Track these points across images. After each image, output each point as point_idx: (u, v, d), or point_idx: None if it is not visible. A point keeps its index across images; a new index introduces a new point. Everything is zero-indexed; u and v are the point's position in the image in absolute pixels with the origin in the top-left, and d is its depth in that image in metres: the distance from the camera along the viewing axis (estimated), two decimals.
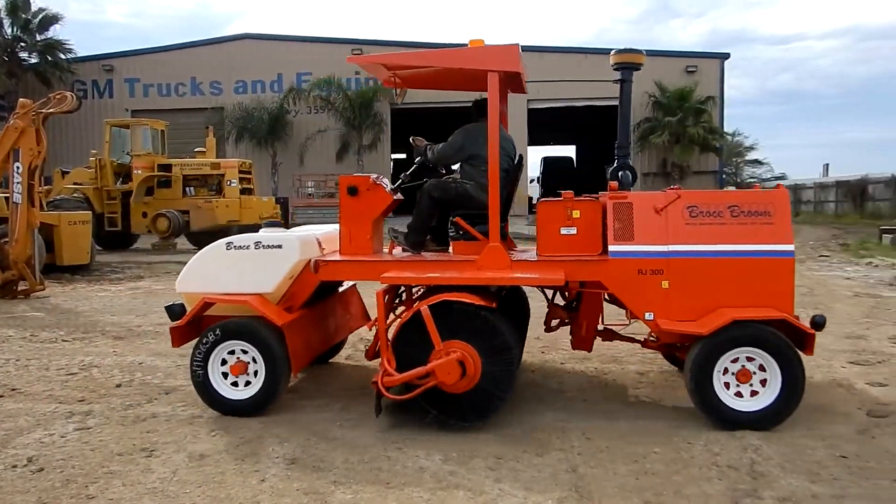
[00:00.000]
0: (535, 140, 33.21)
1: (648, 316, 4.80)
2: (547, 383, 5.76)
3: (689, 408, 4.93)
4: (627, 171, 5.81)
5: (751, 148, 45.08)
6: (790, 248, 4.72)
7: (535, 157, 38.14)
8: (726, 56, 29.63)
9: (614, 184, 5.32)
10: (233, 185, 18.54)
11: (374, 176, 5.44)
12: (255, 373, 4.95)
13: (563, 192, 5.10)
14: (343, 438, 4.52)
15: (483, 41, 5.01)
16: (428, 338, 4.57)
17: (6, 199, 10.90)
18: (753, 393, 4.58)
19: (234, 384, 4.97)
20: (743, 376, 4.58)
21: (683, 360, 5.50)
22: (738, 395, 4.60)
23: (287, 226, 23.27)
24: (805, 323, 4.60)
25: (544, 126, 33.68)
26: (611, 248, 4.80)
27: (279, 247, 5.05)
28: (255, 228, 6.17)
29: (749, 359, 4.57)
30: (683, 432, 4.53)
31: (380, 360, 4.82)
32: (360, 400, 5.27)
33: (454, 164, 5.78)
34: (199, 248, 6.14)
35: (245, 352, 4.95)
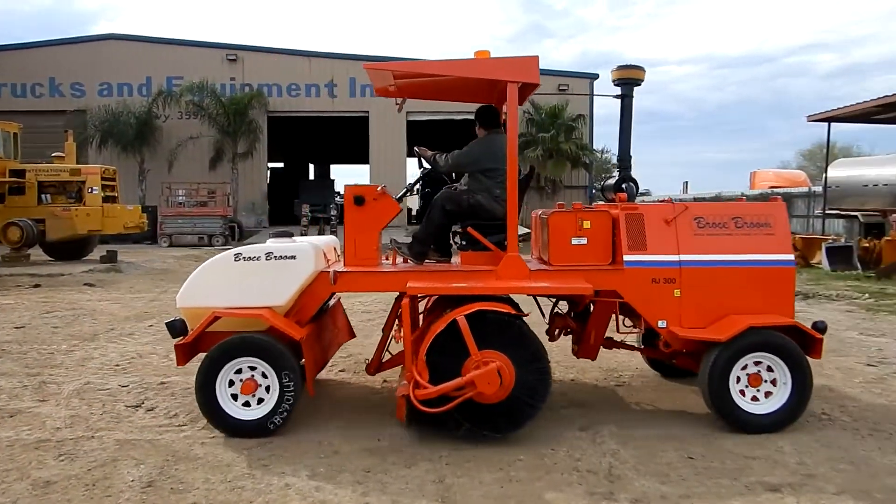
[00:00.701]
0: (415, 152, 33.44)
1: (661, 324, 4.96)
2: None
3: (554, 414, 5.11)
4: (631, 183, 5.99)
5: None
6: (791, 257, 5.06)
7: (414, 169, 38.43)
8: (595, 76, 31.08)
9: (623, 195, 5.48)
10: (94, 192, 17.46)
11: (380, 186, 5.27)
12: (267, 389, 4.69)
13: (574, 203, 5.24)
14: (205, 458, 4.34)
15: (489, 53, 5.01)
16: (461, 348, 4.49)
17: None
18: (766, 396, 4.79)
19: (246, 404, 4.69)
20: (755, 381, 4.77)
21: (677, 367, 5.88)
22: (754, 399, 4.78)
23: (157, 236, 22.31)
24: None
25: (424, 139, 33.98)
26: (626, 257, 4.93)
27: (293, 258, 4.83)
28: (118, 238, 5.77)
29: (758, 363, 4.77)
30: (548, 439, 4.66)
31: (402, 373, 4.80)
32: None
33: (466, 172, 5.67)
34: (56, 260, 5.68)
35: (254, 368, 4.68)
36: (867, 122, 20.70)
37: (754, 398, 4.78)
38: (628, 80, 5.91)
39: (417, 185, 6.04)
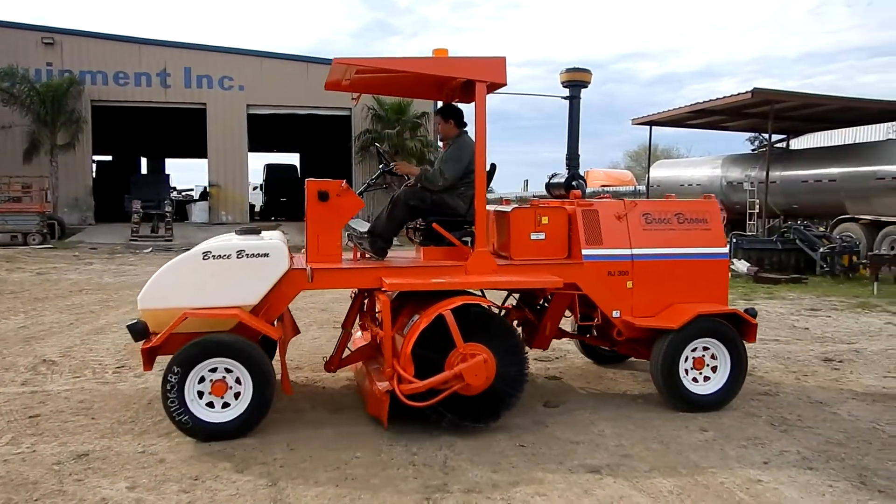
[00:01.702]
0: (256, 147, 32.45)
1: (616, 314, 5.24)
2: None
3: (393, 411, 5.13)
4: (581, 180, 6.13)
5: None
6: (724, 250, 5.55)
7: (257, 163, 37.30)
8: None
9: (577, 192, 5.66)
10: None
11: (343, 182, 5.01)
12: (237, 394, 4.52)
13: (532, 199, 5.29)
14: (7, 476, 3.94)
15: (447, 51, 5.00)
16: (445, 342, 4.56)
17: None
18: (706, 378, 5.19)
19: (211, 405, 4.49)
20: (699, 364, 5.17)
21: (611, 354, 6.31)
22: (695, 380, 5.18)
23: None
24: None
25: (266, 133, 33.08)
26: (584, 251, 5.20)
27: (266, 255, 4.66)
28: None
29: (704, 348, 5.17)
30: (386, 435, 4.67)
31: (373, 368, 5.02)
32: (35, 428, 4.68)
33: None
34: None
35: (229, 370, 4.49)
36: (683, 127, 22.52)
37: (696, 380, 5.19)
38: (576, 82, 6.19)
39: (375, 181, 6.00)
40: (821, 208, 17.85)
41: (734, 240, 14.89)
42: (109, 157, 36.48)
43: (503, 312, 5.91)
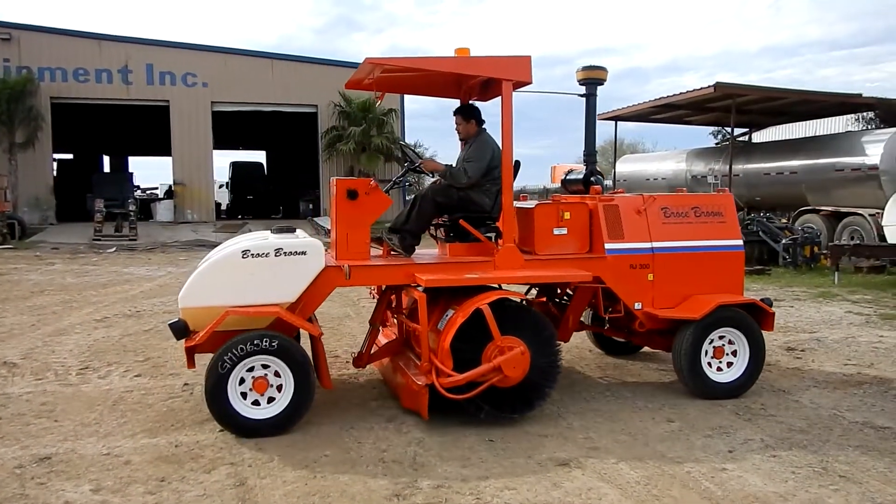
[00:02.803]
0: (222, 144, 32.04)
1: (637, 306, 5.41)
2: None
3: (360, 406, 5.12)
4: (599, 176, 6.18)
5: (432, 158, 48.53)
6: (740, 242, 5.69)
7: (222, 161, 36.86)
8: None
9: (598, 188, 5.70)
10: None
11: (372, 180, 5.04)
12: (279, 388, 4.59)
13: (553, 195, 5.36)
14: None
15: (469, 50, 5.04)
16: (482, 336, 4.64)
17: None
18: (728, 366, 5.34)
19: (256, 403, 4.56)
20: (718, 353, 5.31)
21: (626, 344, 6.45)
22: (719, 369, 5.31)
23: None
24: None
25: (231, 130, 32.70)
26: (606, 246, 5.31)
27: (303, 253, 4.73)
28: None
29: (722, 337, 5.29)
30: (354, 432, 4.66)
31: (404, 363, 5.11)
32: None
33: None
34: None
35: (266, 367, 4.55)
36: (648, 122, 22.75)
37: (718, 368, 5.31)
38: (592, 80, 6.23)
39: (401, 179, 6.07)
40: (783, 200, 18.17)
41: None
42: (70, 156, 35.75)
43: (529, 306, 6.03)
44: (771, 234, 14.82)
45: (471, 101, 5.93)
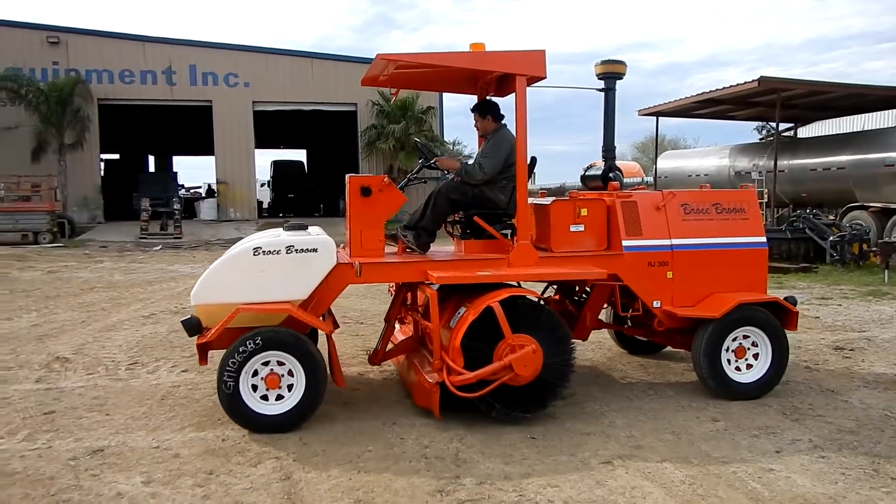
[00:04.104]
0: (263, 143, 32.49)
1: (656, 304, 5.28)
2: None
3: (402, 403, 5.15)
4: (618, 172, 6.16)
5: (469, 156, 48.61)
6: (763, 239, 5.57)
7: (264, 160, 37.39)
8: None
9: (616, 184, 5.67)
10: None
11: (386, 177, 5.07)
12: (290, 386, 4.61)
13: (570, 192, 5.37)
14: (24, 472, 3.98)
15: (484, 45, 5.02)
16: (493, 334, 4.60)
17: None
18: (749, 367, 5.22)
19: (265, 398, 4.60)
20: (740, 352, 5.20)
21: (649, 343, 6.32)
22: (738, 369, 5.21)
23: None
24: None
25: (272, 129, 33.13)
26: (624, 243, 5.24)
27: (314, 250, 4.74)
28: None
29: (745, 336, 5.19)
30: (396, 428, 4.69)
31: (417, 361, 5.08)
32: (51, 424, 4.73)
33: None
34: None
35: (281, 363, 4.59)
36: (690, 117, 22.41)
37: (738, 368, 5.22)
38: (611, 74, 6.16)
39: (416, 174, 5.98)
40: (830, 196, 17.76)
41: None
42: (117, 156, 36.61)
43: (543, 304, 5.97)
44: (818, 230, 14.50)
45: (488, 97, 5.87)
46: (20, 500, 3.64)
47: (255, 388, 4.60)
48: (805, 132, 23.76)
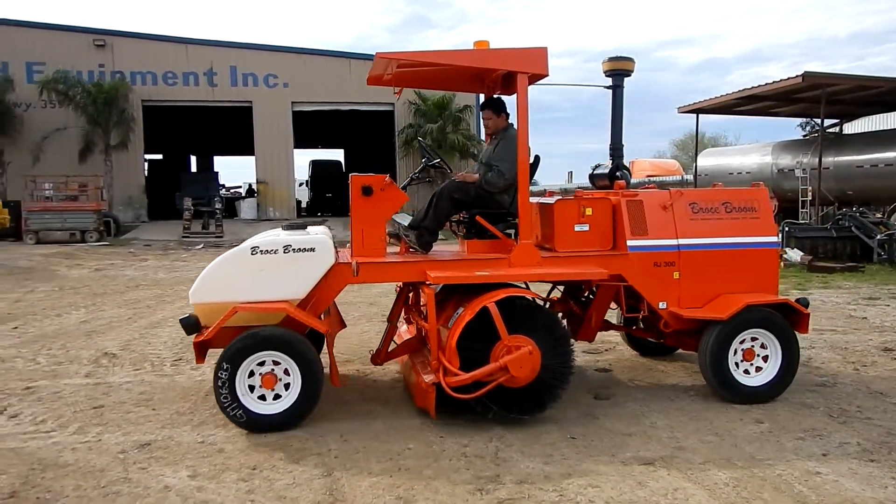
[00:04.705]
0: (301, 143, 32.84)
1: (662, 305, 5.19)
2: None
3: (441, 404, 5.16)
4: (625, 170, 6.09)
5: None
6: (775, 239, 5.40)
7: (302, 160, 37.79)
8: None
9: (622, 182, 5.60)
10: None
11: (387, 176, 5.08)
12: (287, 385, 4.61)
13: (576, 190, 5.30)
14: (76, 464, 4.10)
15: (488, 43, 4.98)
16: (489, 335, 4.55)
17: None
18: (758, 369, 5.09)
19: (263, 398, 4.60)
20: (749, 355, 5.07)
21: (660, 346, 6.17)
22: (746, 372, 5.08)
23: (21, 233, 20.79)
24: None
25: (310, 129, 33.47)
26: (629, 242, 5.14)
27: (312, 250, 4.74)
28: None
29: (753, 338, 5.06)
30: (436, 427, 4.70)
31: (418, 361, 5.01)
32: (100, 418, 4.86)
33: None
34: None
35: (277, 363, 4.59)
36: (730, 114, 22.07)
37: (747, 371, 5.10)
38: (619, 71, 6.05)
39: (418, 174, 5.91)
40: (877, 194, 17.33)
41: (786, 228, 14.56)
42: (160, 156, 37.34)
43: (547, 305, 5.90)
44: (865, 229, 14.15)
45: (496, 95, 5.80)
46: (72, 490, 3.75)
47: (251, 388, 4.59)
48: (851, 128, 23.19)
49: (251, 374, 4.59)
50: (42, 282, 12.59)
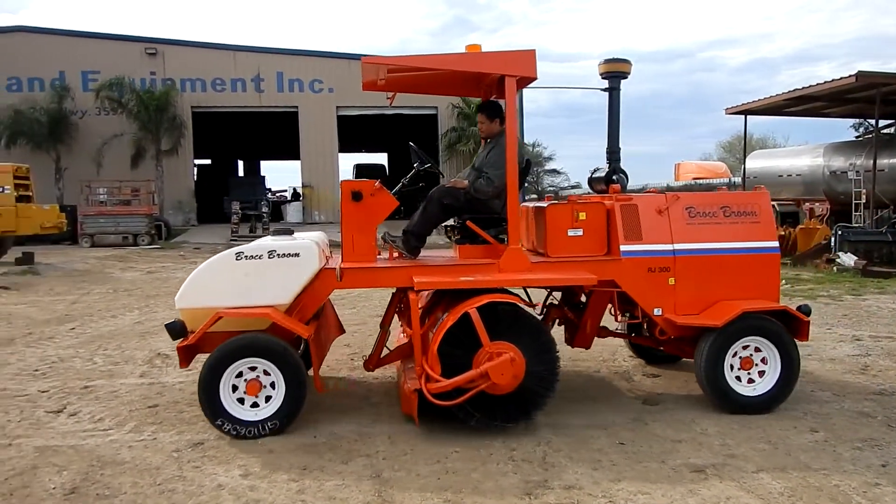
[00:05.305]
0: (346, 147, 33.19)
1: (657, 311, 5.07)
2: (353, 390, 5.76)
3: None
4: (622, 174, 6.01)
5: (549, 158, 48.28)
6: (776, 244, 5.24)
7: (346, 164, 38.18)
8: None
9: (616, 186, 5.50)
10: (6, 191, 16.61)
11: (377, 182, 5.13)
12: (272, 388, 4.61)
13: (570, 195, 5.21)
14: (133, 461, 4.22)
15: (480, 47, 4.96)
16: (472, 341, 4.50)
17: None
18: (759, 376, 4.96)
19: (251, 404, 4.62)
20: (746, 364, 4.94)
21: (663, 354, 5.98)
22: (747, 381, 4.96)
23: (77, 237, 21.46)
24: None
25: (355, 133, 33.81)
26: (622, 247, 5.02)
27: (296, 255, 4.72)
28: (35, 239, 5.47)
29: (750, 346, 4.93)
30: (484, 430, 4.69)
31: (408, 367, 4.89)
32: (155, 417, 4.99)
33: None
34: None
35: (254, 368, 4.59)
36: (780, 115, 21.60)
37: (749, 380, 4.97)
38: (615, 73, 5.98)
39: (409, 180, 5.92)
40: None
41: (839, 232, 14.18)
42: (209, 161, 38.13)
43: (544, 311, 5.83)
44: None
45: (493, 99, 5.74)
46: (130, 487, 3.85)
47: (235, 390, 4.60)
48: None
49: (237, 377, 4.60)
50: (97, 284, 12.97)
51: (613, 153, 6.19)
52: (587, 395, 5.59)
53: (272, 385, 4.62)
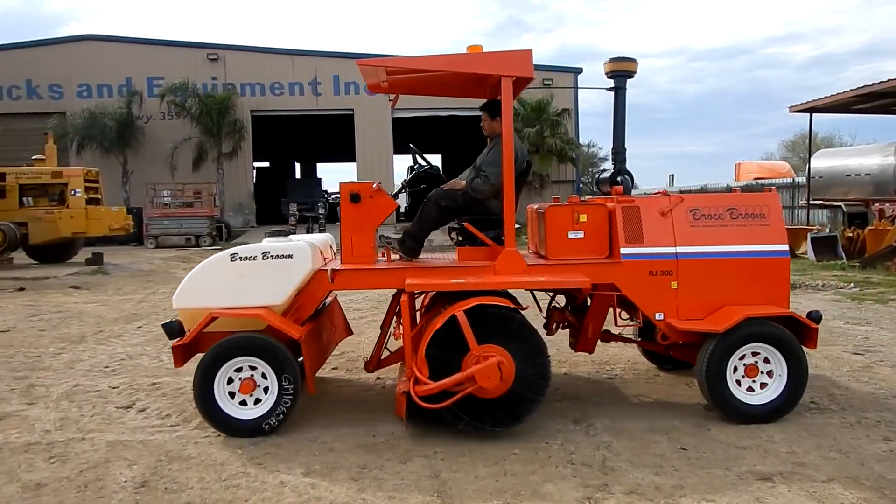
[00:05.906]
0: (401, 149, 33.43)
1: (659, 316, 4.96)
2: None
3: (548, 408, 5.13)
4: (626, 176, 5.95)
5: (605, 159, 47.66)
6: (785, 247, 5.05)
7: (401, 166, 38.49)
8: (579, 70, 31.15)
9: (619, 188, 5.43)
10: (77, 194, 17.28)
11: (376, 183, 5.20)
12: (266, 390, 4.70)
13: (570, 197, 5.14)
14: (199, 457, 4.33)
15: (481, 47, 4.96)
16: (460, 344, 4.49)
17: None
18: (762, 386, 4.81)
19: (243, 403, 4.69)
20: (751, 371, 4.79)
21: (673, 359, 5.81)
22: (750, 389, 4.80)
23: (143, 238, 22.18)
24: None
25: (410, 135, 34.00)
26: (622, 250, 4.93)
27: (290, 256, 4.79)
28: (103, 240, 5.68)
29: (755, 353, 4.79)
30: (541, 432, 4.68)
31: (401, 369, 4.85)
32: None
33: None
34: (40, 263, 5.60)
35: (254, 368, 4.68)
36: (847, 112, 20.86)
37: (750, 389, 4.80)
38: (621, 72, 5.87)
39: (410, 181, 5.93)
40: None
41: None
42: (267, 163, 38.92)
43: (546, 314, 5.74)
44: None
45: (497, 98, 5.60)
46: (196, 482, 3.96)
47: (230, 389, 4.66)
48: None
49: (230, 380, 4.66)
50: (162, 284, 13.36)
51: (618, 154, 6.07)
52: (647, 398, 5.50)
53: (265, 387, 4.69)
